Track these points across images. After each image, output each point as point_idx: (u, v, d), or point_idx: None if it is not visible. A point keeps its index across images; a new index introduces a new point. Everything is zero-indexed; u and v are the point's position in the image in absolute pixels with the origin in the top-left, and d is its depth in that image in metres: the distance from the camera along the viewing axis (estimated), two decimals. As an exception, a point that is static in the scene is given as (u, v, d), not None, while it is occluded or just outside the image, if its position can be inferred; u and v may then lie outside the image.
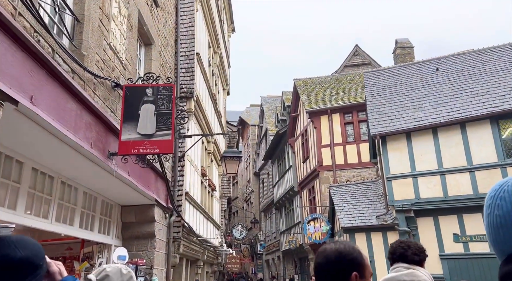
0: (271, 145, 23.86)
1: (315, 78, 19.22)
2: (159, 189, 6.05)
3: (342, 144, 15.54)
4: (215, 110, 10.96)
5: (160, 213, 6.29)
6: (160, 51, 6.44)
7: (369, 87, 12.10)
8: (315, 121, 16.17)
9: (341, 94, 16.87)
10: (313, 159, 16.55)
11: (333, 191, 11.88)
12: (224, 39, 13.25)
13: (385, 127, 10.35)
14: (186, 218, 7.44)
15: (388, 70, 12.55)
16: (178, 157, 7.28)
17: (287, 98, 23.23)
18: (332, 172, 15.11)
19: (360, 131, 15.60)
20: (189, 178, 7.76)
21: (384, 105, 11.19)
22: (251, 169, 38.11)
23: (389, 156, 10.17)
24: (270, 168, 27.99)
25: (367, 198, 10.91)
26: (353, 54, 22.03)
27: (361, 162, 15.09)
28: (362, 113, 15.71)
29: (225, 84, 13.72)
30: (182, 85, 7.68)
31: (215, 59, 11.42)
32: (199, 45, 8.68)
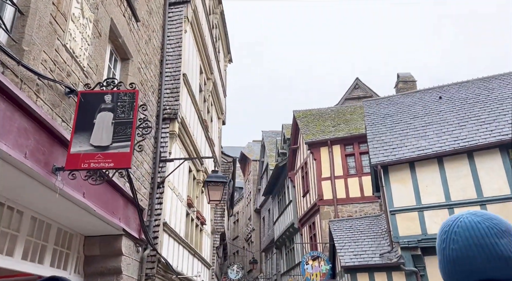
0: (271, 179, 23.15)
1: (315, 109, 18.90)
2: (129, 217, 5.39)
3: (343, 177, 14.84)
4: (206, 137, 10.46)
5: (130, 245, 5.58)
6: (139, 67, 6.06)
7: (369, 116, 11.63)
8: (314, 152, 15.61)
9: (342, 125, 16.43)
10: (313, 192, 15.80)
11: (333, 226, 11.05)
12: (219, 67, 13.05)
13: (386, 157, 9.74)
14: (164, 253, 6.69)
15: (389, 99, 12.15)
16: (157, 183, 6.67)
17: (287, 131, 22.83)
18: (333, 207, 14.30)
19: (362, 163, 14.96)
20: (170, 207, 7.09)
21: (385, 134, 10.65)
22: (252, 206, 37.08)
23: (392, 187, 9.47)
24: (271, 204, 27.08)
25: (370, 234, 10.06)
26: (354, 87, 21.87)
27: (363, 196, 14.31)
28: (363, 144, 15.16)
29: (220, 112, 13.35)
30: (165, 106, 7.23)
31: (208, 85, 11.11)
32: (188, 68, 8.36)
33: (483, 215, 0.98)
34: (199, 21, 9.14)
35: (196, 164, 9.49)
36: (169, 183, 7.03)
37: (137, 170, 5.91)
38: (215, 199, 6.49)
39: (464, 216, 0.99)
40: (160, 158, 6.84)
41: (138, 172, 5.94)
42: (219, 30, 13.41)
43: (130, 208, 5.45)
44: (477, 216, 0.98)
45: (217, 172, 6.64)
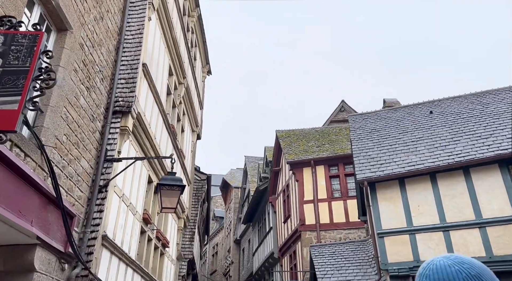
0: (250, 205, 21.95)
1: (298, 130, 18.18)
2: (49, 223, 4.28)
3: (327, 200, 13.88)
4: (174, 146, 9.45)
5: (50, 260, 4.43)
6: (82, 44, 5.16)
7: (354, 131, 10.89)
8: (297, 173, 14.69)
9: (326, 145, 15.66)
10: (294, 217, 14.71)
11: (314, 252, 9.94)
12: (195, 75, 12.27)
13: (373, 172, 8.88)
14: (102, 274, 5.50)
15: (376, 113, 11.49)
16: (99, 186, 5.58)
17: (269, 154, 21.95)
18: (316, 233, 13.21)
19: (348, 186, 14.08)
20: (116, 219, 5.96)
21: (372, 149, 9.86)
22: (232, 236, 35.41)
23: (380, 207, 8.55)
24: (251, 234, 25.68)
25: (355, 261, 8.99)
26: (339, 109, 21.37)
27: (348, 221, 13.30)
28: (349, 166, 14.36)
29: (194, 124, 12.42)
30: (118, 97, 6.28)
31: (179, 90, 10.25)
32: (152, 61, 7.50)
33: (455, 259, 1.09)
34: (168, 13, 8.41)
35: (158, 174, 8.41)
36: (115, 188, 5.95)
37: (69, 165, 4.86)
38: (169, 206, 5.43)
39: (437, 259, 1.11)
40: (105, 157, 5.80)
41: (70, 168, 4.89)
42: (196, 36, 12.76)
43: (52, 212, 4.36)
44: (449, 260, 1.09)
45: (174, 175, 5.63)
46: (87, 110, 5.39)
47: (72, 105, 4.90)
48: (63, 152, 4.69)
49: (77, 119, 5.07)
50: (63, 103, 4.64)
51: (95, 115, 5.68)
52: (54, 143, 4.43)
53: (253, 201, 21.29)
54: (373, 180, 8.72)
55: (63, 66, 4.64)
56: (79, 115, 5.14)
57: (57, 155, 4.53)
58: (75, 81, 4.97)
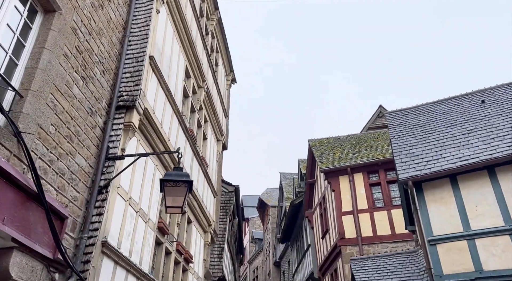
0: (286, 222, 20.91)
1: (333, 138, 17.20)
2: (29, 223, 3.75)
3: (369, 211, 12.68)
4: (194, 152, 8.90)
5: (34, 267, 3.87)
6: (74, 28, 4.77)
7: (394, 128, 9.85)
8: (332, 183, 13.65)
9: (364, 152, 14.55)
10: (333, 231, 13.58)
11: (355, 266, 8.83)
12: (217, 80, 11.83)
13: (419, 171, 7.81)
14: (104, 287, 4.88)
15: (418, 109, 10.40)
16: (99, 187, 5.05)
17: (303, 166, 21.01)
18: (358, 247, 12.01)
19: (391, 194, 12.84)
20: (120, 224, 5.38)
21: (416, 146, 8.78)
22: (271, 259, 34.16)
23: (429, 210, 7.43)
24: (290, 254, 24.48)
25: (403, 274, 7.82)
26: (377, 115, 20.17)
27: (394, 234, 12.01)
28: (391, 172, 13.17)
29: (218, 132, 11.88)
30: (122, 92, 5.83)
31: (198, 94, 9.79)
32: (162, 56, 7.08)
33: None
34: (181, 9, 8.04)
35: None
36: (119, 189, 5.40)
37: (59, 160, 4.36)
38: (174, 206, 4.78)
39: None
40: (106, 155, 5.30)
41: (60, 164, 4.39)
42: (217, 41, 12.41)
43: (34, 211, 3.84)
44: None
45: (181, 170, 4.99)
46: (83, 101, 4.94)
47: (62, 93, 4.45)
48: (50, 145, 4.21)
49: (69, 109, 4.62)
50: (49, 89, 4.19)
51: (94, 108, 5.23)
52: (36, 132, 3.96)
53: (288, 218, 20.27)
54: (419, 179, 7.64)
55: (48, 49, 4.22)
56: (72, 105, 4.68)
57: (41, 147, 4.04)
58: (65, 67, 4.54)
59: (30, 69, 4.05)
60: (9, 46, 3.90)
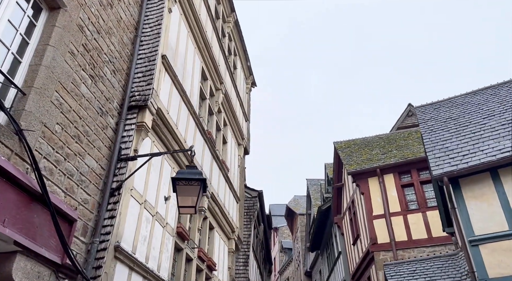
0: (315, 230, 20.30)
1: (359, 139, 16.60)
2: (34, 226, 3.59)
3: (402, 214, 12.02)
4: (212, 155, 8.68)
5: (40, 273, 3.69)
6: (81, 25, 4.66)
7: (425, 123, 9.29)
8: (361, 185, 13.08)
9: (394, 152, 13.91)
10: (364, 237, 12.97)
11: (389, 272, 8.27)
12: (235, 83, 11.63)
13: (455, 166, 7.24)
14: (118, 295, 4.66)
15: (450, 101, 9.78)
16: (111, 189, 4.87)
17: (330, 171, 20.43)
18: (392, 253, 11.36)
19: (425, 195, 12.14)
20: (134, 228, 5.17)
21: (450, 139, 8.21)
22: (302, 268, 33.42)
23: (468, 208, 6.84)
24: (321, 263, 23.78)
25: (443, 280, 7.20)
26: (406, 114, 19.37)
27: (431, 237, 11.30)
28: (424, 172, 12.49)
29: (239, 136, 11.64)
30: (134, 92, 5.69)
31: (216, 96, 9.61)
32: (176, 56, 6.93)
33: None
34: (194, 9, 7.91)
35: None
36: (132, 191, 5.21)
37: (66, 161, 4.21)
38: (187, 205, 4.52)
39: None
40: (119, 156, 5.13)
41: (68, 165, 4.24)
42: (235, 43, 12.26)
43: (40, 213, 3.68)
44: None
45: (194, 168, 4.74)
46: (92, 101, 4.81)
47: (68, 92, 4.32)
48: (56, 144, 4.06)
49: (77, 109, 4.48)
50: (53, 87, 4.06)
51: (104, 108, 5.09)
52: (40, 130, 3.82)
53: (317, 225, 19.68)
54: (456, 175, 7.07)
55: (53, 45, 4.11)
56: (80, 105, 4.55)
57: (46, 146, 3.90)
58: (71, 65, 4.43)
59: (34, 66, 3.94)
60: (11, 43, 3.81)
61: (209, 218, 8.56)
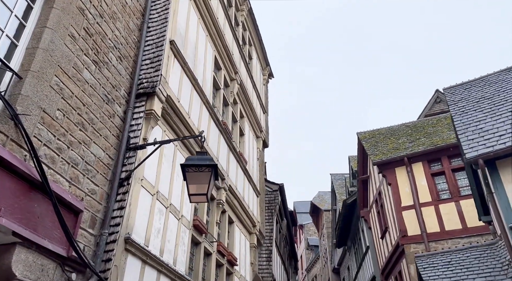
0: (341, 225, 19.78)
1: (384, 128, 15.97)
2: (35, 216, 3.41)
3: (433, 204, 11.41)
4: (229, 146, 8.42)
5: (44, 266, 3.51)
6: (83, 9, 4.48)
7: (455, 104, 8.71)
8: (388, 176, 12.52)
9: (422, 139, 13.26)
10: (393, 229, 12.42)
11: (422, 264, 7.78)
12: (251, 73, 11.33)
13: (491, 147, 6.69)
14: (131, 290, 4.46)
15: (482, 80, 9.15)
16: (119, 179, 4.68)
17: (354, 163, 19.86)
18: (423, 245, 10.79)
19: (458, 183, 11.48)
20: (147, 220, 4.96)
21: (484, 120, 7.63)
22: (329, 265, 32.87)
23: (507, 191, 6.29)
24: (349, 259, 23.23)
25: (481, 270, 6.68)
26: (434, 101, 18.57)
27: (466, 227, 10.65)
28: (456, 159, 11.82)
29: (257, 129, 11.34)
30: (142, 79, 5.49)
31: (231, 87, 9.34)
32: (186, 43, 6.70)
33: None
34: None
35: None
36: (143, 182, 5.00)
37: (70, 149, 4.03)
38: (199, 193, 4.26)
39: None
40: (127, 145, 4.94)
41: (72, 153, 4.05)
42: (250, 33, 11.96)
43: (41, 203, 3.50)
44: None
45: (204, 154, 4.47)
46: (96, 88, 4.62)
47: (69, 77, 4.14)
48: (58, 131, 3.88)
49: (80, 95, 4.30)
50: (52, 71, 3.88)
51: (110, 96, 4.90)
52: (39, 116, 3.64)
53: (343, 220, 19.15)
54: (492, 157, 6.53)
55: (50, 28, 3.93)
56: (84, 91, 4.36)
57: (46, 132, 3.72)
58: (72, 49, 4.24)
59: (31, 49, 3.77)
60: (5, 25, 3.65)
61: (228, 211, 8.31)
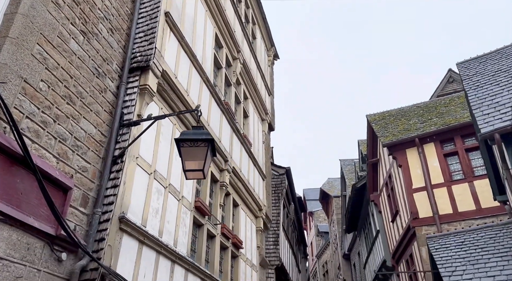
0: (350, 210, 19.53)
1: (395, 110, 15.55)
2: (17, 192, 3.22)
3: (446, 185, 11.07)
4: (232, 127, 8.17)
5: (30, 245, 3.33)
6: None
7: (469, 79, 8.31)
8: (398, 157, 12.19)
9: (434, 119, 12.84)
10: (404, 212, 12.13)
11: (433, 244, 7.50)
12: (255, 53, 10.99)
13: (508, 121, 6.33)
14: (128, 268, 4.28)
15: (499, 52, 8.70)
16: (113, 157, 4.47)
17: (363, 147, 19.50)
18: (435, 227, 10.50)
19: (471, 163, 11.10)
20: (143, 199, 4.76)
21: (500, 93, 7.25)
22: (339, 251, 32.81)
23: (526, 167, 5.95)
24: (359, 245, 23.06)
25: (497, 250, 6.39)
26: (447, 81, 18.01)
27: (480, 208, 10.31)
28: (469, 138, 11.42)
29: (262, 111, 11.06)
30: (135, 53, 5.24)
31: (234, 66, 9.04)
32: (182, 15, 6.40)
33: None
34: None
35: (216, 159, 7.16)
36: (138, 160, 4.79)
37: (56, 123, 3.81)
38: (194, 169, 4.02)
39: None
40: (121, 121, 4.71)
41: (59, 128, 3.84)
42: (253, 11, 11.58)
43: (24, 179, 3.30)
44: None
45: (200, 129, 4.22)
46: (85, 60, 4.38)
47: (54, 46, 3.90)
48: (42, 104, 3.66)
49: (67, 67, 4.06)
50: (34, 39, 3.64)
51: (101, 69, 4.66)
52: (19, 86, 3.41)
53: (352, 205, 18.89)
54: (510, 130, 6.17)
55: (30, -8, 3.68)
56: (71, 62, 4.12)
57: (28, 104, 3.50)
58: (57, 17, 3.99)
59: (9, 15, 3.52)
60: (-19, -12, 3.41)
61: (232, 194, 8.10)
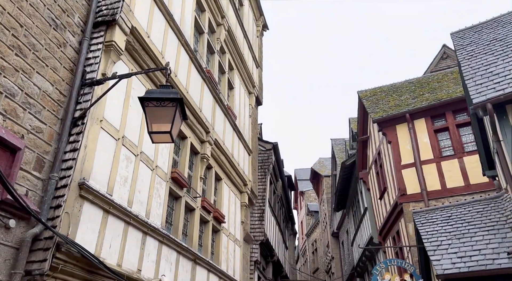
0: (339, 187, 19.46)
1: (387, 86, 15.22)
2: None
3: (435, 161, 10.88)
4: (215, 98, 7.78)
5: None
6: None
7: (463, 48, 7.97)
8: (388, 134, 11.93)
9: (426, 95, 12.56)
10: (391, 189, 11.99)
11: (420, 219, 7.33)
12: (241, 21, 10.48)
13: (501, 91, 6.04)
14: (91, 239, 3.98)
15: (495, 21, 8.35)
16: (73, 118, 4.09)
17: (354, 125, 19.24)
18: (423, 203, 10.36)
19: (462, 139, 10.89)
20: (109, 165, 4.42)
21: (495, 63, 6.93)
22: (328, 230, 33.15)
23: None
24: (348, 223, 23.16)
25: (484, 224, 6.22)
26: (440, 57, 17.66)
27: (469, 184, 10.17)
28: (461, 114, 11.19)
29: (249, 83, 10.64)
30: (101, 6, 4.78)
31: (218, 33, 8.57)
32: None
33: None
34: None
35: (196, 129, 6.81)
36: (102, 123, 4.42)
37: (2, 75, 3.41)
38: (159, 131, 3.67)
39: None
40: (83, 80, 4.31)
41: (5, 81, 3.44)
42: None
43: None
44: None
45: (169, 88, 3.85)
46: (39, 8, 3.94)
47: (-1, -11, 3.46)
48: (-17, 51, 3.25)
49: (16, 14, 3.63)
50: (-28, -23, 3.20)
51: (60, 21, 4.22)
52: (-47, 28, 3.00)
53: (341, 183, 18.79)
54: (502, 100, 5.90)
55: None
56: (20, 8, 3.69)
57: (-35, 51, 3.09)
58: (2, -44, 3.53)
59: None
60: None
61: (214, 167, 7.80)
